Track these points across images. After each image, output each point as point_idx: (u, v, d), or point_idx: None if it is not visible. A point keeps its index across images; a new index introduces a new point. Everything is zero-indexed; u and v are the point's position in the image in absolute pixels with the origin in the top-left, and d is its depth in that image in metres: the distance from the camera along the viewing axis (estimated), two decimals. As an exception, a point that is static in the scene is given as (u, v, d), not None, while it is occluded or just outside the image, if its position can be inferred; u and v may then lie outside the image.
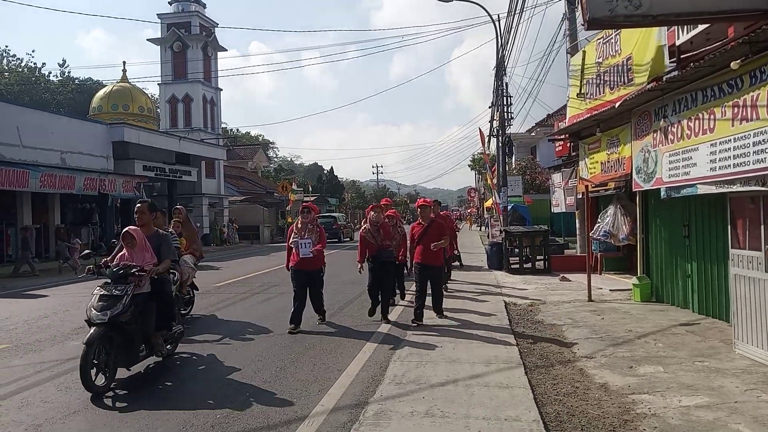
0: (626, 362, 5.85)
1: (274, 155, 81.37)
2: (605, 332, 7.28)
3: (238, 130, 71.33)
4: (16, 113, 20.72)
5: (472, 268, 15.80)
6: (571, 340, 6.94)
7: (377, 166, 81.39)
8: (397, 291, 9.73)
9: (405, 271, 9.60)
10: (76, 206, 24.89)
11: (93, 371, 5.17)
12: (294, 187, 37.15)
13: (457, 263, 14.91)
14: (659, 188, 8.39)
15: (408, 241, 8.60)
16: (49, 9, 67.26)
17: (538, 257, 14.49)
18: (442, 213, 12.03)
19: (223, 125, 48.04)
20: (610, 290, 10.64)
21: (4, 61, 53.34)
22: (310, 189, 50.28)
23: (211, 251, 25.72)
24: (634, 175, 9.28)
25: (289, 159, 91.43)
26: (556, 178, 17.16)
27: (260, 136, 73.19)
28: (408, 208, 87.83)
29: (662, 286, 9.37)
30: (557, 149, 18.60)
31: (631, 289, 9.95)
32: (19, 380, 5.72)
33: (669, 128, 7.94)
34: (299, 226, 7.87)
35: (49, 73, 55.57)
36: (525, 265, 14.45)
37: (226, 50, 41.30)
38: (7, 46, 66.92)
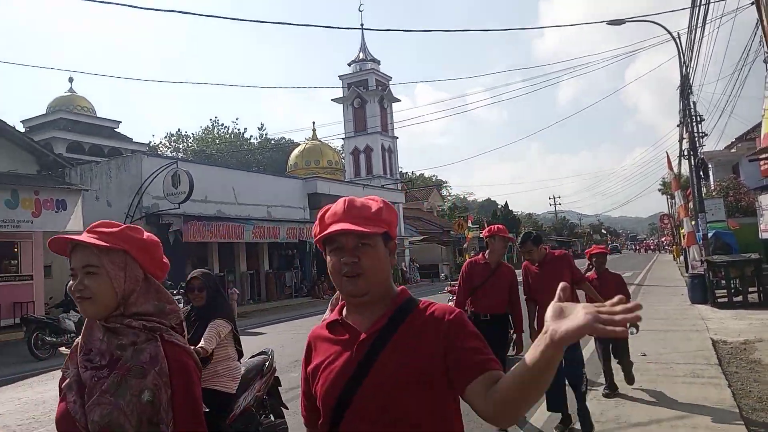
0: None
1: (447, 194, 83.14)
2: (841, 374, 6.43)
3: (413, 172, 74.54)
4: (231, 175, 24.54)
5: (670, 302, 14.66)
6: (796, 383, 6.27)
7: (554, 197, 78.70)
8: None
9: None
10: (281, 253, 28.10)
11: None
12: (470, 224, 37.62)
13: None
14: None
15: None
16: (253, 87, 77.53)
17: (750, 289, 13.02)
18: (555, 252, 5.58)
19: (400, 169, 50.68)
20: None
21: (215, 130, 62.62)
22: (485, 225, 50.32)
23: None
24: None
25: (461, 196, 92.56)
26: (764, 200, 15.36)
27: (434, 176, 75.63)
28: (591, 240, 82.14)
29: None
30: (762, 168, 16.62)
31: None
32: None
33: None
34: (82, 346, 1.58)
35: (251, 136, 63.99)
36: (735, 299, 13.06)
37: (400, 101, 44.09)
38: (216, 117, 78.45)
